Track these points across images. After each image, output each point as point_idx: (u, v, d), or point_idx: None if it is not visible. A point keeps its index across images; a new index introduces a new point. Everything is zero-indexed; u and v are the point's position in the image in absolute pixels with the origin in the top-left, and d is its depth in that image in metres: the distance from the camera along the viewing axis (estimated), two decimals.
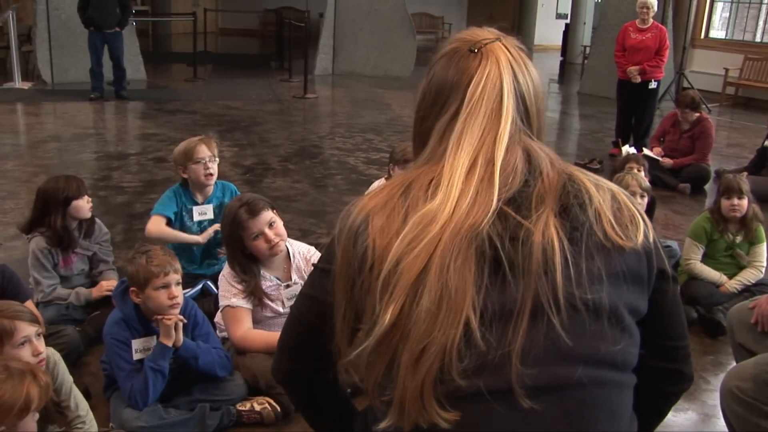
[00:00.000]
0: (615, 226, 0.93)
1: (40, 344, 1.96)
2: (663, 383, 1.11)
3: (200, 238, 3.16)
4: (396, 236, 0.91)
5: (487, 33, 1.06)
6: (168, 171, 5.64)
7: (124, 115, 8.45)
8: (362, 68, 11.99)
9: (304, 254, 2.70)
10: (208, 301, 2.96)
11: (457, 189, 0.92)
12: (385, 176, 3.79)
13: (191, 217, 3.22)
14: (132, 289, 2.25)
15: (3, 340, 1.86)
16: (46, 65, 9.74)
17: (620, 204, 0.96)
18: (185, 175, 3.14)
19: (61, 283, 2.98)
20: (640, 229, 0.95)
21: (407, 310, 0.87)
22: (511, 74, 1.00)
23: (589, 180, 0.98)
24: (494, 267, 0.89)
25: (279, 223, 2.53)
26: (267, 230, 2.47)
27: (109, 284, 3.01)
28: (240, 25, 18.89)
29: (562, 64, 15.99)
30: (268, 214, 2.49)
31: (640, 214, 0.98)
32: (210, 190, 3.23)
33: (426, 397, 0.86)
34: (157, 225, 3.15)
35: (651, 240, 0.97)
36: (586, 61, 12.83)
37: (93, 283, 3.11)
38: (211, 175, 3.12)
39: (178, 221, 3.23)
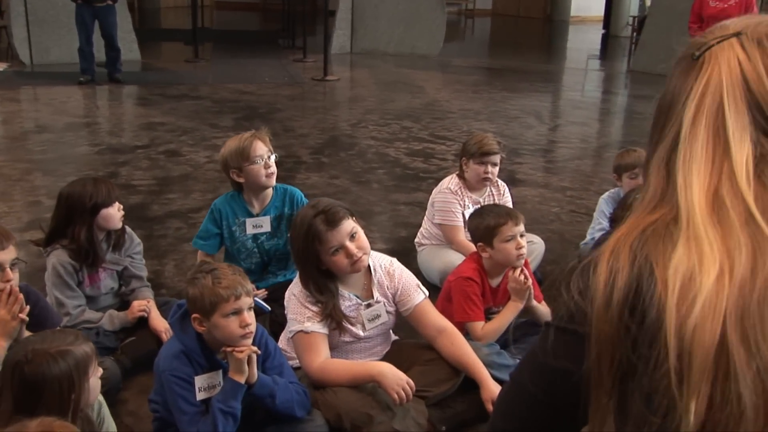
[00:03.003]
0: None
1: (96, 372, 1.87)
2: None
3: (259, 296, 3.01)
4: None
5: (734, 25, 0.90)
6: (184, 166, 5.52)
7: (122, 101, 8.34)
8: (385, 46, 11.84)
9: (386, 267, 2.55)
10: (261, 320, 2.83)
11: (711, 236, 0.82)
12: (456, 172, 3.65)
13: (244, 230, 3.09)
14: (194, 316, 2.14)
15: (88, 371, 1.80)
16: (24, 43, 9.57)
17: None
18: (241, 179, 3.01)
19: (88, 305, 2.84)
20: None
21: (720, 404, 0.76)
22: (740, 81, 0.86)
23: None
24: None
25: (361, 234, 2.42)
26: (348, 243, 2.35)
27: (141, 304, 2.88)
28: None
29: (605, 38, 15.84)
30: (349, 224, 2.37)
31: None
32: (269, 195, 3.11)
33: None
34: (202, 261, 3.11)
35: None
36: (636, 34, 12.62)
37: (123, 303, 2.97)
38: (273, 174, 3.03)
39: (228, 238, 3.11)
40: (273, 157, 3.04)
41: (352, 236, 2.37)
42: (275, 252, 3.14)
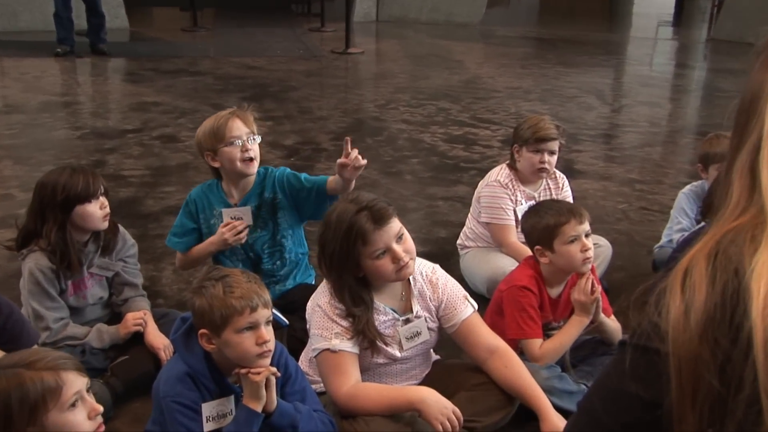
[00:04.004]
0: None
1: (93, 400, 1.84)
2: None
3: (224, 237, 3.04)
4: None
5: None
6: (183, 154, 5.55)
7: (107, 76, 8.43)
8: (416, 13, 11.85)
9: (427, 275, 2.52)
10: (277, 336, 2.83)
11: None
12: (506, 162, 3.62)
13: (221, 223, 3.10)
14: (202, 331, 2.13)
15: (47, 403, 1.72)
16: None
17: None
18: (215, 164, 3.03)
19: (72, 317, 2.85)
20: None
21: None
22: None
23: None
24: None
25: (408, 236, 2.40)
26: (395, 245, 2.32)
27: (136, 317, 2.88)
28: None
29: (679, 2, 15.73)
30: (397, 223, 2.36)
31: None
32: (251, 183, 3.12)
33: None
34: (182, 261, 3.20)
35: None
36: None
37: (114, 315, 2.98)
38: (252, 159, 3.01)
39: (207, 234, 3.13)
40: (255, 140, 3.03)
41: (399, 237, 2.36)
42: (262, 246, 3.14)
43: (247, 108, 3.12)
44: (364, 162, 2.85)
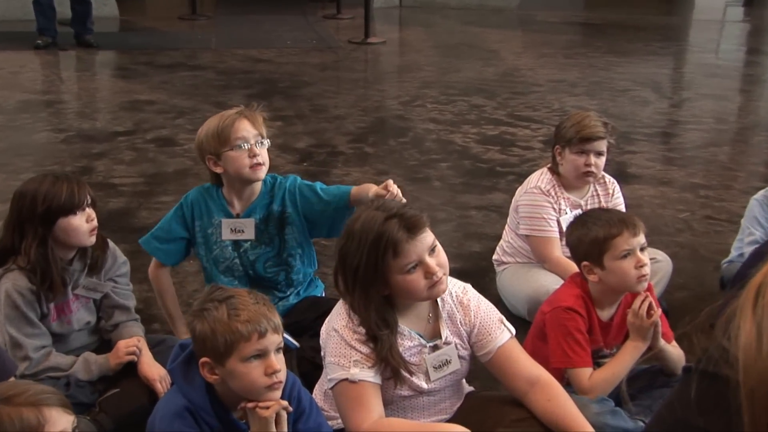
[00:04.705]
0: None
1: None
2: None
3: None
4: None
5: None
6: (181, 159, 5.61)
7: (95, 71, 8.52)
8: None
9: (458, 296, 2.53)
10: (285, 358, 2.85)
11: None
12: (548, 165, 3.63)
13: (219, 234, 3.15)
14: (204, 360, 2.14)
15: None
16: None
17: None
18: (218, 169, 3.07)
19: (55, 345, 2.88)
20: None
21: None
22: None
23: None
24: None
25: (440, 247, 2.40)
26: (428, 258, 2.33)
27: (128, 345, 2.90)
28: None
29: None
30: (430, 234, 2.37)
31: None
32: (256, 192, 3.16)
33: None
34: (156, 274, 3.24)
35: None
36: None
37: (104, 342, 3.01)
38: (260, 165, 3.04)
39: (202, 244, 3.17)
40: (264, 144, 3.07)
41: (432, 250, 2.37)
42: (265, 263, 3.16)
43: (256, 107, 3.16)
44: (403, 201, 2.81)
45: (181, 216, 3.18)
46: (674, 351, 2.80)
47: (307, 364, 2.85)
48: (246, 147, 3.00)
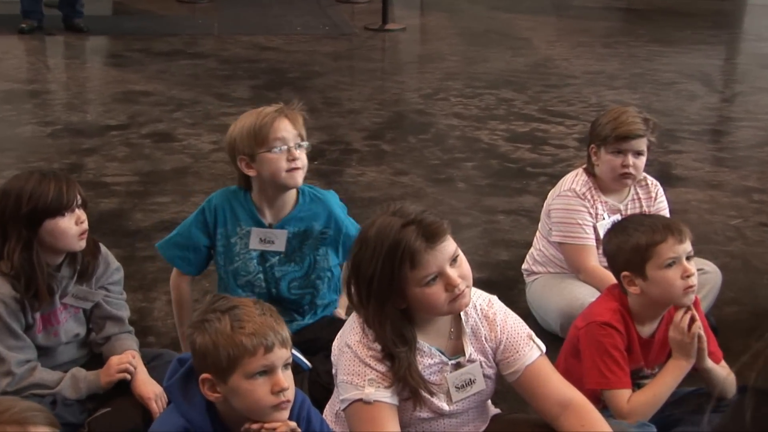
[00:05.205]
0: None
1: None
2: None
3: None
4: None
5: None
6: (180, 156, 5.64)
7: (85, 59, 8.54)
8: None
9: (483, 309, 2.54)
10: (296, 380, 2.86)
11: None
12: (583, 165, 3.64)
13: (246, 243, 3.15)
14: (204, 376, 2.15)
15: None
16: None
17: None
18: (251, 172, 3.07)
19: (41, 359, 2.90)
20: None
21: None
22: None
23: None
24: None
25: (463, 258, 2.41)
26: (449, 269, 2.34)
27: (121, 360, 2.91)
28: None
29: None
30: (452, 242, 2.38)
31: None
32: (291, 201, 3.16)
33: None
34: (178, 283, 3.26)
35: None
36: None
37: (94, 357, 3.02)
38: (298, 169, 3.04)
39: (223, 253, 3.17)
40: (304, 146, 3.07)
41: (454, 260, 2.38)
42: (289, 284, 3.16)
43: (297, 106, 3.15)
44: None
45: (202, 221, 3.17)
46: (722, 372, 2.79)
47: (319, 388, 2.85)
48: (284, 149, 3.00)
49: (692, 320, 2.71)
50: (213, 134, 6.01)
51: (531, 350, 2.49)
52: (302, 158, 3.05)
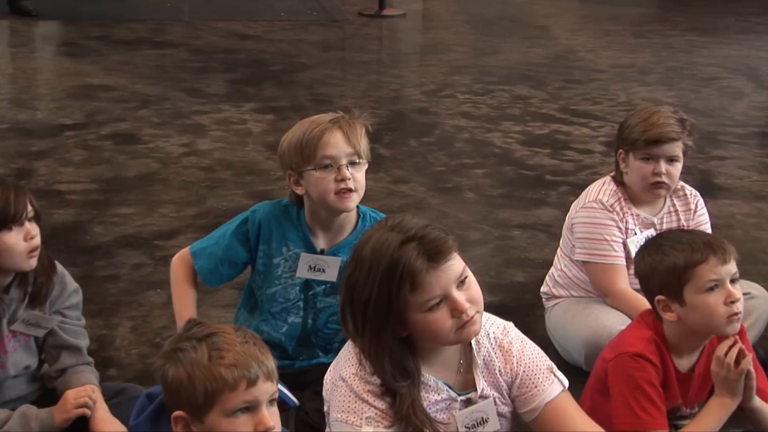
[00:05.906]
0: None
1: None
2: None
3: None
4: None
5: None
6: (146, 160, 5.64)
7: (34, 47, 8.56)
8: None
9: (497, 338, 2.55)
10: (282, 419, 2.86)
11: None
12: (611, 173, 3.66)
13: (290, 267, 3.14)
14: (177, 414, 2.14)
15: None
16: None
17: None
18: (299, 190, 3.07)
19: None
20: None
21: None
22: None
23: None
24: None
25: (472, 278, 2.41)
26: (456, 292, 2.35)
27: (79, 395, 2.91)
28: None
29: None
30: (459, 261, 2.39)
31: None
32: (349, 226, 3.16)
33: None
34: (179, 260, 3.22)
35: None
36: None
37: (47, 392, 3.04)
38: (350, 192, 3.01)
39: (262, 273, 3.16)
40: (360, 164, 3.03)
41: (462, 282, 2.38)
42: (329, 317, 3.16)
43: (359, 115, 3.11)
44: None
45: (243, 233, 3.15)
46: None
47: (309, 429, 2.85)
48: (333, 168, 2.98)
49: (741, 354, 2.71)
50: (183, 135, 6.03)
51: (552, 385, 2.50)
52: (357, 178, 3.01)
